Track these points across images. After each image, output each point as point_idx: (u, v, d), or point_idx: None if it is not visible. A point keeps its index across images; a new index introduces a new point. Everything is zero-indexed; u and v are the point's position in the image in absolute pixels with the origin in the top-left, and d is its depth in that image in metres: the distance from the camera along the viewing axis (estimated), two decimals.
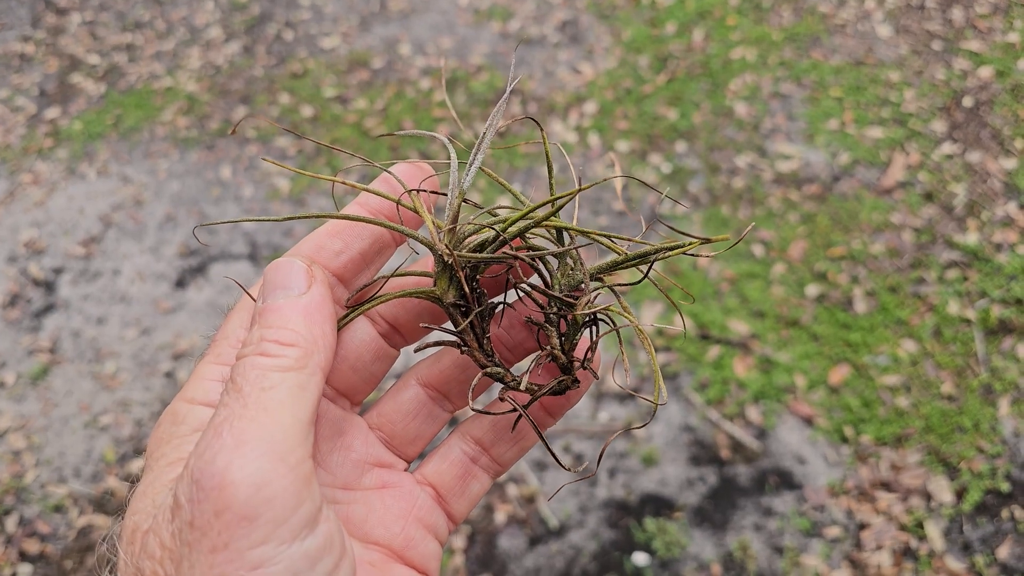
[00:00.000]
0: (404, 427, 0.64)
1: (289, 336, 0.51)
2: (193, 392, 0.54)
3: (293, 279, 0.54)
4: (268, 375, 0.49)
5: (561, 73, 4.36)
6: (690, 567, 2.69)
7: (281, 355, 0.50)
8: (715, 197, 3.71)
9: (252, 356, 0.50)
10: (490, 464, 0.65)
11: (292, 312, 0.52)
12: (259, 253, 3.67)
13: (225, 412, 0.47)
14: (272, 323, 0.52)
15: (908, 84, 4.09)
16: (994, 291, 3.26)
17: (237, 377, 0.49)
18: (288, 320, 0.52)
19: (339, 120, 4.21)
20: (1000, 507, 2.76)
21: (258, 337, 0.51)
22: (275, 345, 0.50)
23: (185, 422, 0.52)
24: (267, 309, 0.53)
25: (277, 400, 0.48)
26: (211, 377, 0.54)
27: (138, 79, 4.60)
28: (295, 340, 0.51)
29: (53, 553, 2.89)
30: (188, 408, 0.53)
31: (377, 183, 0.62)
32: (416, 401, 0.64)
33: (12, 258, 3.75)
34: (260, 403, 0.47)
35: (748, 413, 3.01)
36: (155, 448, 0.52)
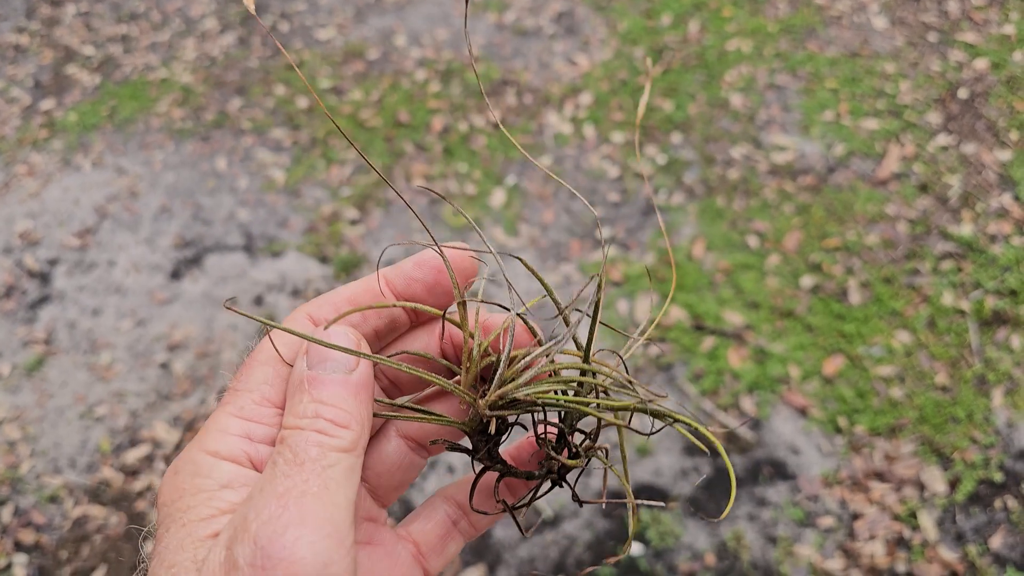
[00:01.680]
0: (388, 478, 0.65)
1: (344, 417, 0.53)
2: (216, 445, 0.54)
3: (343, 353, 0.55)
4: (327, 454, 0.50)
5: (557, 64, 4.35)
6: (684, 557, 2.70)
7: (337, 435, 0.52)
8: (710, 188, 3.71)
9: (310, 432, 0.51)
10: (467, 528, 0.68)
11: (344, 391, 0.53)
12: (254, 244, 3.66)
13: (287, 483, 0.49)
14: (326, 399, 0.53)
15: (903, 76, 4.09)
16: (988, 282, 3.26)
17: (297, 450, 0.50)
18: (341, 399, 0.53)
19: (334, 111, 4.20)
20: (993, 497, 2.77)
21: (313, 412, 0.52)
22: (331, 425, 0.52)
23: (211, 476, 0.52)
24: (319, 382, 0.54)
25: (335, 480, 0.50)
26: (234, 432, 0.54)
27: (133, 70, 4.58)
28: (349, 422, 0.53)
29: (48, 543, 2.89)
30: (212, 461, 0.53)
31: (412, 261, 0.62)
32: (399, 453, 0.65)
33: (7, 249, 3.75)
34: (321, 481, 0.49)
35: (742, 403, 3.01)
36: (177, 498, 0.53)
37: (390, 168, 3.92)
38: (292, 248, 3.64)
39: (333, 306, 0.59)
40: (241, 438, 0.54)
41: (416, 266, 0.61)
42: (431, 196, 3.80)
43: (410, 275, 0.61)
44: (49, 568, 2.84)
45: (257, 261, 3.61)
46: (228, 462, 0.53)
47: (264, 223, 3.75)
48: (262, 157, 4.04)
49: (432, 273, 0.61)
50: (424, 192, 3.82)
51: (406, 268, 0.60)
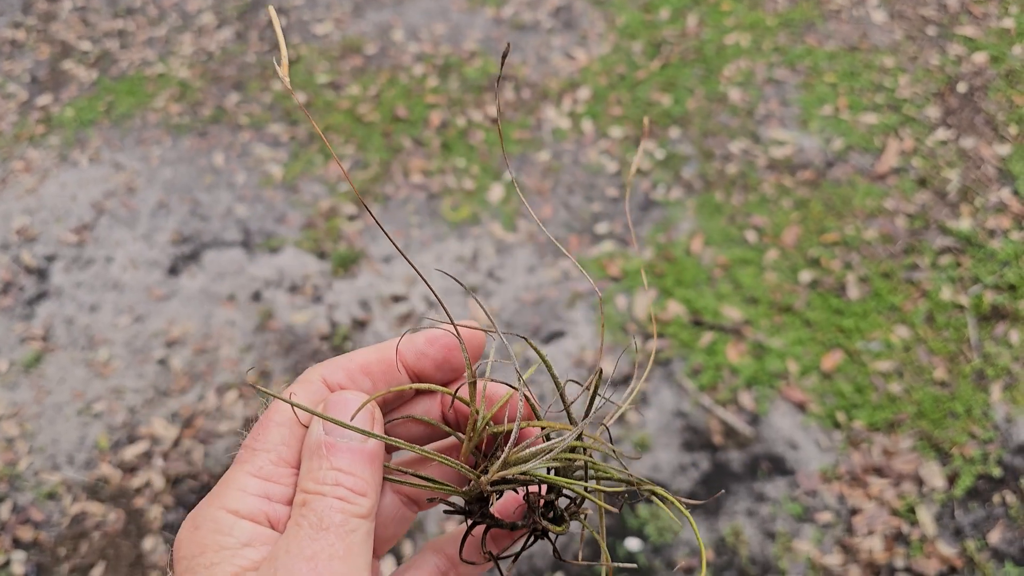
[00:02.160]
0: (383, 531, 0.67)
1: (361, 485, 0.56)
2: (236, 504, 0.56)
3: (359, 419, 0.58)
4: (349, 520, 0.54)
5: (555, 59, 4.35)
6: (682, 552, 2.71)
7: (357, 503, 0.55)
8: (708, 183, 3.71)
9: (332, 499, 0.55)
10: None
11: (362, 459, 0.57)
12: (252, 240, 3.66)
13: (315, 546, 0.52)
14: (344, 467, 0.56)
15: (902, 70, 4.09)
16: (987, 277, 3.27)
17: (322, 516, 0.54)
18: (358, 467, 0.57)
19: (332, 106, 4.19)
20: (992, 492, 2.78)
21: (333, 479, 0.56)
22: (351, 492, 0.56)
23: (232, 534, 0.55)
24: (336, 449, 0.57)
25: (357, 544, 0.54)
26: (253, 491, 0.57)
27: (130, 65, 4.58)
28: (366, 490, 0.56)
29: (47, 540, 2.90)
30: (233, 520, 0.55)
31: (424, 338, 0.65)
32: (393, 507, 0.67)
33: (4, 245, 3.75)
34: (346, 545, 0.53)
35: (741, 399, 3.02)
36: (199, 553, 0.54)
37: (388, 163, 3.91)
38: (290, 244, 3.64)
39: (347, 372, 0.62)
40: (260, 498, 0.56)
41: (428, 343, 0.64)
42: (429, 191, 3.79)
43: (421, 351, 0.64)
44: (47, 565, 2.84)
45: (255, 257, 3.61)
46: (248, 521, 0.55)
47: (262, 219, 3.75)
48: (260, 152, 4.04)
49: (443, 352, 0.64)
50: (422, 187, 3.81)
51: (418, 344, 0.64)
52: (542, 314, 3.31)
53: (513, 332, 0.64)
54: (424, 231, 3.64)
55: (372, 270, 3.50)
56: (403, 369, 0.63)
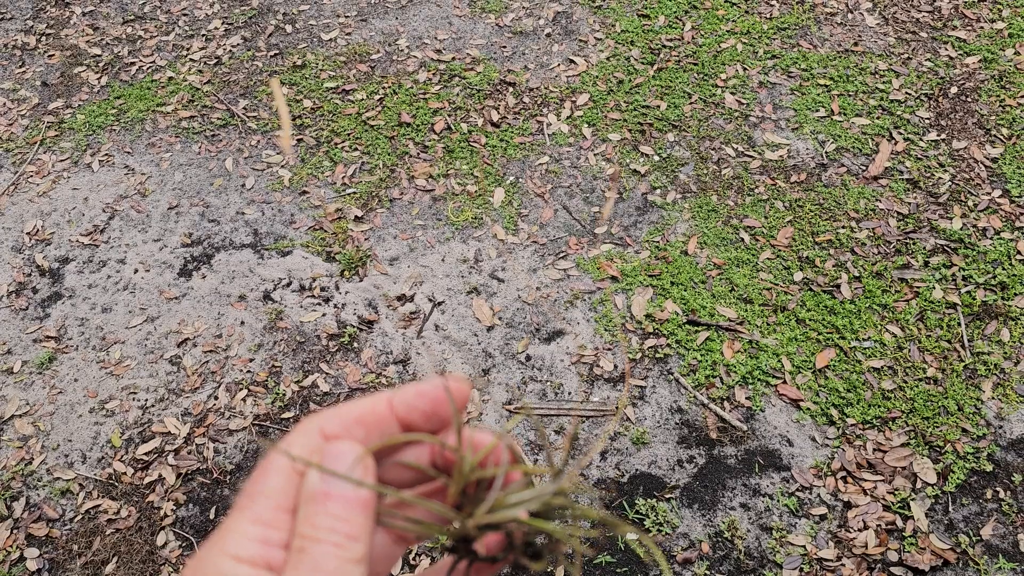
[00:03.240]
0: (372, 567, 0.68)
1: (356, 531, 0.58)
2: (236, 549, 0.58)
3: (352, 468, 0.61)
4: (344, 566, 0.56)
5: (555, 65, 4.42)
6: (680, 546, 2.77)
7: (351, 549, 0.57)
8: (704, 185, 3.77)
9: (328, 546, 0.57)
10: None
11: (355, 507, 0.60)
12: (262, 242, 3.74)
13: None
14: (340, 514, 0.59)
15: (895, 73, 4.15)
16: (978, 276, 3.33)
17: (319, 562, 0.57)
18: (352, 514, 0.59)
19: (338, 111, 4.27)
20: (984, 487, 2.84)
21: (329, 526, 0.58)
22: (346, 539, 0.58)
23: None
24: (333, 498, 0.60)
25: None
26: (252, 537, 0.58)
27: (140, 71, 4.65)
28: (359, 536, 0.59)
29: (60, 536, 2.95)
30: (233, 565, 0.57)
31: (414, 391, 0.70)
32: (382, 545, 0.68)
33: (18, 248, 3.82)
34: None
35: (736, 395, 3.08)
36: None
37: (394, 167, 3.99)
38: (299, 246, 3.71)
39: (342, 422, 0.64)
40: (259, 543, 0.58)
41: (417, 396, 0.66)
42: (433, 193, 3.86)
43: (412, 403, 0.66)
44: (61, 561, 2.90)
45: (265, 259, 3.68)
46: (248, 565, 0.57)
47: (271, 221, 3.82)
48: (268, 156, 4.12)
49: (431, 404, 0.66)
50: (426, 190, 3.89)
51: (408, 397, 0.66)
52: (543, 313, 3.38)
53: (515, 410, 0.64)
54: (428, 233, 3.71)
55: (379, 271, 3.58)
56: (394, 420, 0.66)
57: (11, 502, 3.04)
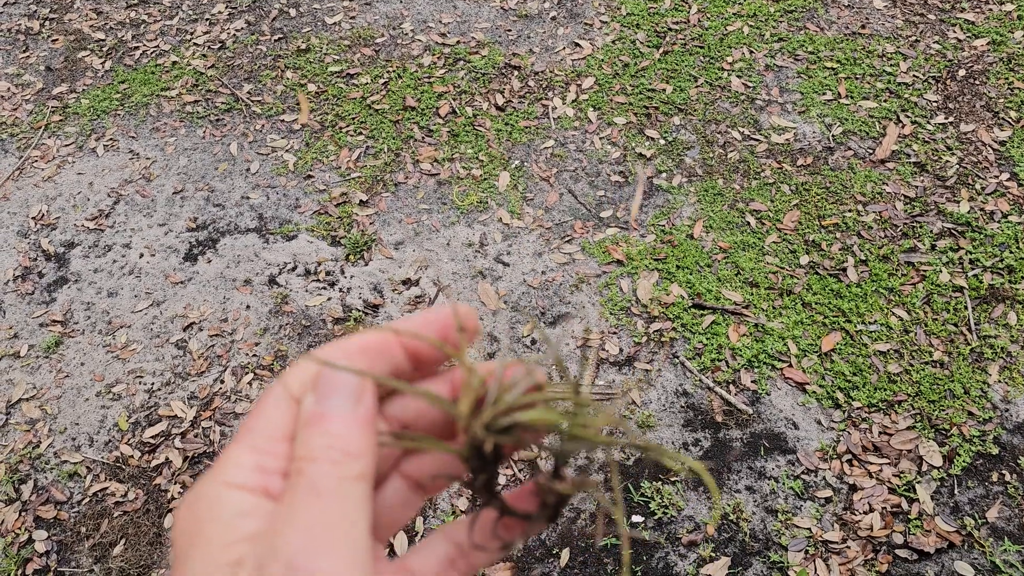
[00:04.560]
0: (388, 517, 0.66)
1: (355, 449, 0.56)
2: (231, 477, 0.56)
3: (348, 388, 0.58)
4: (344, 483, 0.54)
5: (560, 48, 4.40)
6: (685, 528, 2.77)
7: (349, 465, 0.55)
8: (710, 169, 3.76)
9: (325, 464, 0.54)
10: (465, 567, 0.68)
11: (353, 424, 0.57)
12: (267, 226, 3.73)
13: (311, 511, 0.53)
14: (337, 432, 0.56)
15: (902, 55, 4.12)
16: (985, 259, 3.31)
17: (316, 481, 0.54)
18: (350, 431, 0.56)
19: (343, 95, 4.26)
20: (989, 470, 2.83)
21: (325, 445, 0.55)
22: (344, 456, 0.55)
23: (227, 505, 0.55)
24: (328, 416, 0.57)
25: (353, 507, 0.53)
26: (247, 465, 0.56)
27: (144, 55, 4.64)
28: (360, 453, 0.56)
29: (68, 519, 2.97)
30: (228, 491, 0.55)
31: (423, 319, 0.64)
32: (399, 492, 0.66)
33: (23, 232, 3.82)
34: (342, 510, 0.53)
35: (742, 379, 3.08)
36: (195, 527, 0.55)
37: (398, 152, 3.98)
38: (304, 230, 3.71)
39: (344, 352, 0.62)
40: (255, 470, 0.56)
41: (424, 323, 0.64)
42: (438, 178, 3.86)
43: (418, 331, 0.67)
44: (69, 543, 2.92)
45: (270, 243, 3.68)
46: (243, 491, 0.55)
47: (276, 206, 3.82)
48: (273, 141, 4.11)
49: (439, 330, 0.63)
50: (431, 174, 3.88)
51: (414, 324, 0.64)
52: (548, 297, 3.37)
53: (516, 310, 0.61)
54: (434, 217, 3.71)
55: (384, 255, 3.58)
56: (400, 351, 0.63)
57: (19, 485, 3.06)
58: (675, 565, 2.70)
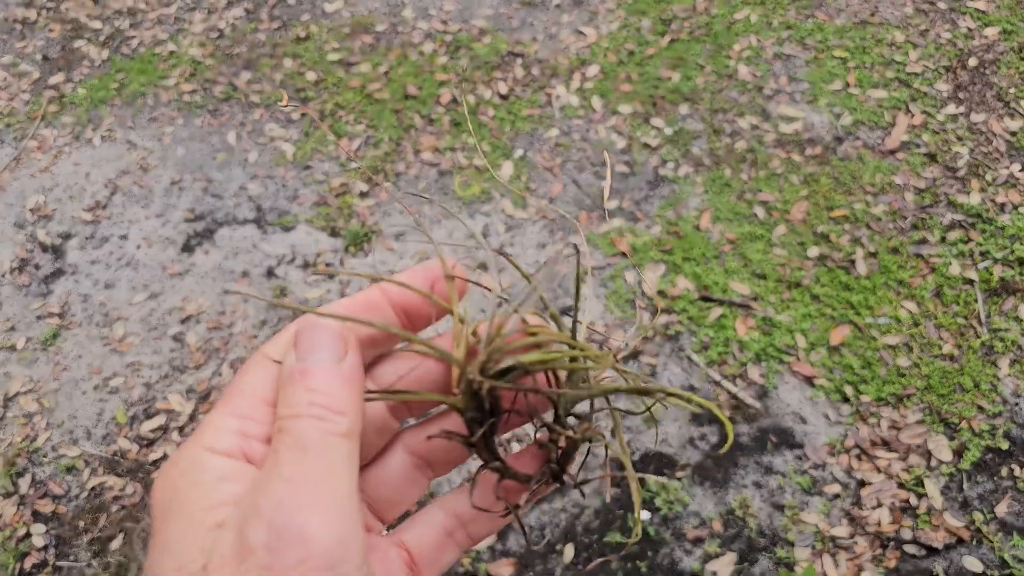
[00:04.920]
0: (389, 494, 0.65)
1: (339, 404, 0.53)
2: (212, 441, 0.54)
3: (330, 342, 0.56)
4: (328, 439, 0.51)
5: (564, 36, 4.34)
6: (691, 524, 2.74)
7: (334, 421, 0.52)
8: (717, 159, 3.71)
9: (309, 419, 0.52)
10: (464, 539, 0.67)
11: (336, 379, 0.54)
12: (265, 218, 3.69)
13: (294, 468, 0.50)
14: (319, 388, 0.54)
15: (913, 44, 4.07)
16: (997, 252, 3.27)
17: (299, 437, 0.51)
18: (334, 387, 0.54)
19: (343, 84, 4.20)
20: (1000, 465, 2.80)
21: (308, 401, 0.53)
22: (328, 412, 0.53)
23: (208, 470, 0.53)
24: (310, 371, 0.54)
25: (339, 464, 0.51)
26: (229, 429, 0.55)
27: (141, 44, 4.59)
28: (345, 409, 0.53)
29: (66, 513, 2.95)
30: (208, 456, 0.54)
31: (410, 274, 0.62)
32: (403, 468, 0.65)
33: (19, 224, 3.78)
34: (326, 465, 0.51)
35: (749, 373, 3.04)
36: (175, 492, 0.53)
37: (399, 141, 3.93)
38: (303, 221, 3.67)
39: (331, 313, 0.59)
40: (237, 434, 0.55)
41: (411, 276, 0.62)
42: (440, 168, 3.80)
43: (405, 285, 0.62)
44: (67, 537, 2.89)
45: (268, 234, 3.64)
46: (224, 456, 0.54)
47: (275, 196, 3.77)
48: (271, 131, 4.06)
49: (426, 282, 0.62)
50: (432, 164, 3.83)
51: (401, 279, 0.62)
52: (552, 290, 3.33)
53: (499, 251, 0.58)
54: (435, 208, 3.66)
55: (384, 247, 3.53)
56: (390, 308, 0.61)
57: (17, 478, 3.03)
58: (680, 561, 2.67)
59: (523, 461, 0.68)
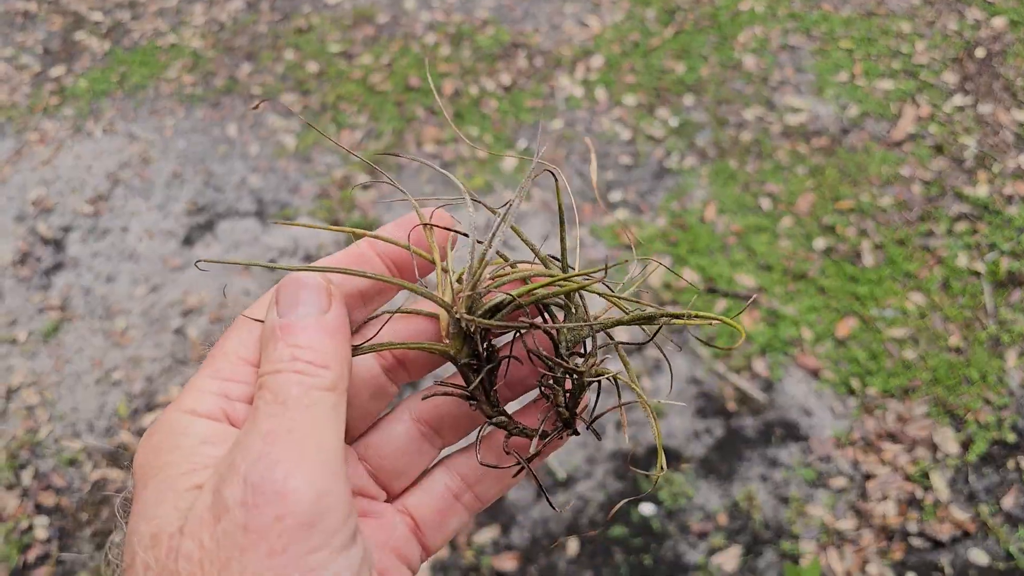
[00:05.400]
0: (393, 462, 0.63)
1: (322, 357, 0.52)
2: (193, 404, 0.53)
3: (313, 296, 0.54)
4: (310, 393, 0.50)
5: (567, 26, 4.31)
6: (696, 517, 2.72)
7: (318, 375, 0.51)
8: (723, 150, 3.69)
9: (290, 374, 0.51)
10: (472, 501, 0.65)
11: (319, 332, 0.53)
12: (266, 210, 3.67)
13: (272, 423, 0.49)
14: (302, 342, 0.52)
15: (920, 35, 4.04)
16: (1004, 243, 3.25)
17: (279, 391, 0.50)
18: (317, 340, 0.52)
19: (344, 76, 4.18)
20: (1006, 457, 2.78)
21: (290, 356, 0.52)
22: (310, 365, 0.51)
23: (189, 433, 0.52)
24: (292, 327, 0.53)
25: (321, 418, 0.49)
26: (211, 391, 0.54)
27: (142, 36, 4.57)
28: (327, 362, 0.52)
29: (68, 505, 2.94)
30: (189, 419, 0.53)
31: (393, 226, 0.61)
32: (407, 436, 0.63)
33: (21, 217, 3.77)
34: (307, 419, 0.49)
35: (755, 365, 3.02)
36: (155, 457, 0.52)
37: (401, 133, 3.91)
38: (304, 213, 3.65)
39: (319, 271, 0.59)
40: (218, 396, 0.54)
41: (396, 227, 0.61)
42: (442, 159, 3.79)
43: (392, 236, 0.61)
44: (69, 530, 2.89)
45: (269, 227, 3.62)
46: (205, 419, 0.53)
47: (276, 189, 3.76)
48: (272, 123, 4.04)
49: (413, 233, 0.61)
50: (435, 156, 3.81)
51: (387, 230, 0.61)
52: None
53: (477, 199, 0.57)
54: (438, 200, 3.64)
55: None
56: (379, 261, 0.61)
57: (20, 471, 3.02)
58: (685, 554, 2.65)
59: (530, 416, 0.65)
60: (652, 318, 0.56)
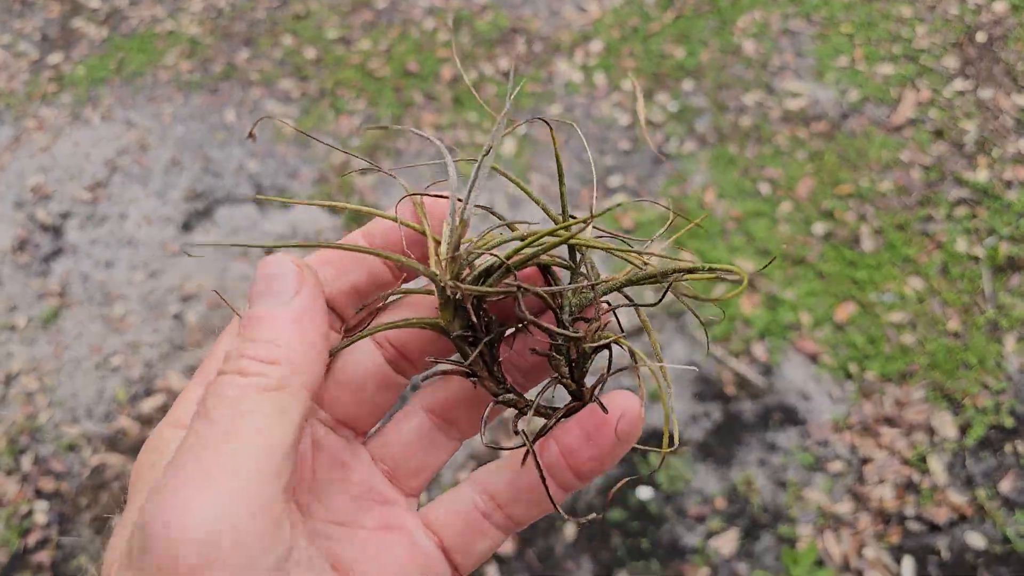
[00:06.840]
0: (408, 459, 0.58)
1: (271, 352, 0.46)
2: (178, 415, 0.51)
3: (281, 282, 0.50)
4: (246, 397, 0.45)
5: (566, 12, 4.30)
6: (694, 501, 2.73)
7: (261, 373, 0.46)
8: (722, 135, 3.68)
9: (231, 375, 0.46)
10: (504, 521, 0.58)
11: (277, 323, 0.48)
12: (265, 196, 3.67)
13: (191, 440, 0.43)
14: (255, 336, 0.47)
15: (920, 19, 4.02)
16: (1003, 228, 3.24)
17: (209, 399, 0.45)
18: (272, 332, 0.47)
19: (343, 62, 4.17)
20: (1003, 442, 2.79)
21: (238, 352, 0.47)
22: (254, 362, 0.46)
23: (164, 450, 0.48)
24: (251, 318, 0.49)
25: (252, 427, 0.43)
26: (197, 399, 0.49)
27: (140, 23, 4.56)
28: (277, 356, 0.46)
29: (68, 490, 2.94)
30: (172, 432, 0.50)
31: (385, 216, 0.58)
32: (421, 430, 0.58)
33: (19, 203, 3.77)
34: (232, 431, 0.43)
35: (753, 350, 3.02)
36: (136, 477, 0.49)
37: (400, 118, 3.90)
38: (303, 199, 3.64)
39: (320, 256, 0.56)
40: None
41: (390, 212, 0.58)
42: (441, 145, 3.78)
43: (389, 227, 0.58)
44: (69, 515, 2.89)
45: (267, 213, 3.62)
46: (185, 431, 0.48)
47: (274, 174, 3.75)
48: (271, 108, 4.03)
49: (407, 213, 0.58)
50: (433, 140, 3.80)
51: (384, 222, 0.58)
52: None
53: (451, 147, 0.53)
54: (437, 185, 3.63)
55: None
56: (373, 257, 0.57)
57: (19, 456, 3.03)
58: (682, 538, 2.66)
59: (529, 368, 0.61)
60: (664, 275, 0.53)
